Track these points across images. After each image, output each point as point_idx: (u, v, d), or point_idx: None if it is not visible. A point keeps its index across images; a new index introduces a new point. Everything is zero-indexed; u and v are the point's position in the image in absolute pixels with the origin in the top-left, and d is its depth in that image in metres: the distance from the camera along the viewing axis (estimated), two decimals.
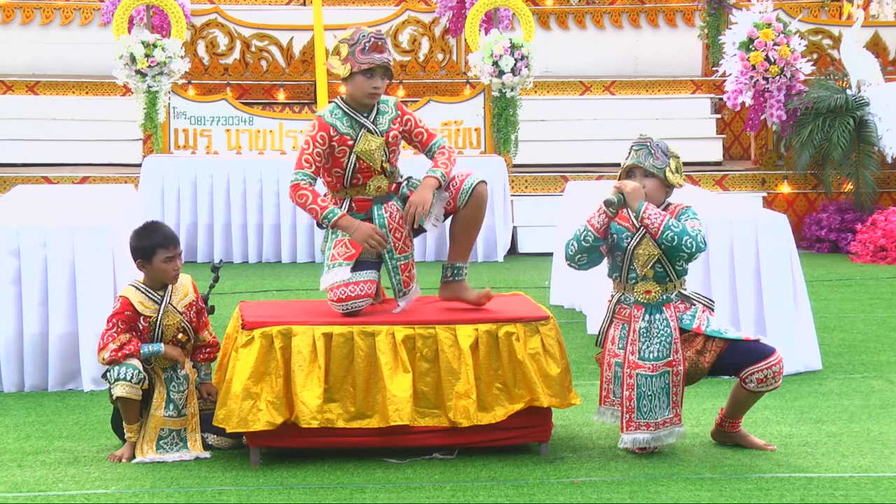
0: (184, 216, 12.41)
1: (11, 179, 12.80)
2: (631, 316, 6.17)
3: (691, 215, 6.16)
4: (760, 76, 13.23)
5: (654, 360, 6.10)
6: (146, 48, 12.69)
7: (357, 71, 6.19)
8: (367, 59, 6.19)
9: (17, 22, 15.58)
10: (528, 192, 13.42)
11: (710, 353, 6.17)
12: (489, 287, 6.58)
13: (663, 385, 6.11)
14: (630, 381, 6.11)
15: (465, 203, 6.26)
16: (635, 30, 16.10)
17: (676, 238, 6.00)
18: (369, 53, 6.20)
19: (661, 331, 6.12)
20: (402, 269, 6.29)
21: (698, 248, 6.03)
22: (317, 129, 6.21)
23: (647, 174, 6.17)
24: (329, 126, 6.23)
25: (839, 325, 9.44)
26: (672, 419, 6.15)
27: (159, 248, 6.24)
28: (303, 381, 5.99)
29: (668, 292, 6.16)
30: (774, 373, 6.12)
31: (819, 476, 5.91)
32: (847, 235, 13.05)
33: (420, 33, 15.50)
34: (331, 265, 6.23)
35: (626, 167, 6.22)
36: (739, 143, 15.19)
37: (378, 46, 6.21)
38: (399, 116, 6.32)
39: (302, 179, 6.20)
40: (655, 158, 6.16)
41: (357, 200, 6.31)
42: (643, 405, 6.11)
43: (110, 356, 6.15)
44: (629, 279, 6.18)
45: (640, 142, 6.21)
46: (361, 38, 6.21)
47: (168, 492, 5.72)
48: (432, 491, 5.71)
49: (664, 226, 6.01)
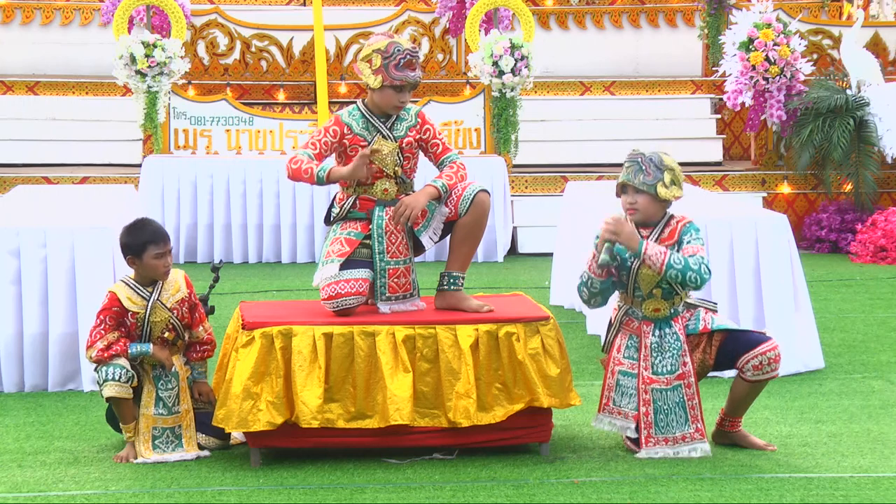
0: (184, 216, 12.41)
1: (11, 180, 12.80)
2: (640, 330, 6.20)
3: (693, 236, 6.13)
4: (760, 76, 13.23)
5: (667, 373, 6.15)
6: (146, 48, 12.70)
7: (388, 85, 6.21)
8: (400, 76, 6.19)
9: (17, 22, 15.59)
10: (528, 193, 13.42)
11: (713, 347, 6.21)
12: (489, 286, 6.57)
13: (678, 399, 6.15)
14: (646, 396, 6.14)
15: (465, 210, 6.26)
16: (635, 30, 16.10)
17: (680, 275, 6.01)
18: (403, 70, 6.20)
19: (671, 344, 6.16)
20: (389, 273, 6.25)
21: (702, 280, 6.03)
22: (332, 123, 6.28)
23: (637, 190, 6.16)
24: (344, 125, 6.27)
25: (839, 325, 9.44)
26: (693, 434, 6.16)
27: (150, 244, 6.22)
28: (303, 381, 5.99)
29: (675, 306, 6.20)
30: (770, 359, 6.12)
31: (819, 476, 5.91)
32: (847, 235, 13.05)
33: (420, 33, 15.50)
34: (324, 262, 6.24)
35: (619, 184, 6.23)
36: (739, 144, 15.20)
37: (412, 64, 6.22)
38: (418, 125, 6.33)
39: (301, 153, 6.22)
40: (646, 175, 6.13)
41: (361, 199, 6.30)
42: (660, 420, 6.14)
43: (97, 356, 6.14)
44: (636, 296, 6.21)
45: (632, 157, 6.20)
46: (397, 52, 6.20)
47: (168, 492, 5.72)
48: (432, 491, 5.71)
49: (666, 265, 6.00)
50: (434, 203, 6.26)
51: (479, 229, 6.31)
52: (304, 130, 13.15)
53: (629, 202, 6.16)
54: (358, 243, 6.24)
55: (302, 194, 12.44)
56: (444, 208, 6.27)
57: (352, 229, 6.28)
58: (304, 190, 12.40)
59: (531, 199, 13.36)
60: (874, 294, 10.74)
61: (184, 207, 12.43)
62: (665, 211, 6.21)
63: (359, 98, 6.42)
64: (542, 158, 14.05)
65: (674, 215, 6.23)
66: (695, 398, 6.17)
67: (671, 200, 6.19)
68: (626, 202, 6.17)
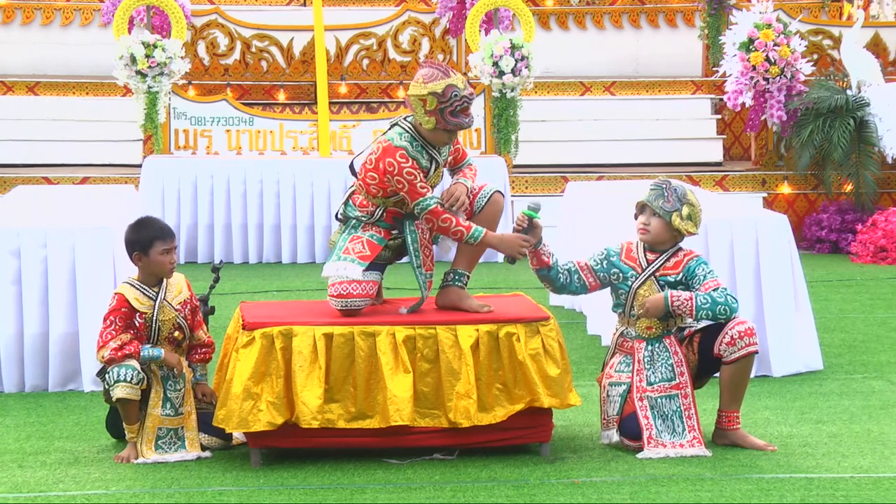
0: (184, 217, 12.41)
1: (12, 180, 12.80)
2: (633, 349, 6.35)
3: (706, 269, 6.30)
4: (761, 77, 13.23)
5: (660, 381, 6.27)
6: (146, 49, 12.70)
7: (442, 129, 6.14)
8: (456, 123, 6.12)
9: (17, 22, 15.58)
10: (528, 193, 13.42)
11: (695, 344, 6.37)
12: (489, 287, 6.58)
13: (675, 408, 6.26)
14: (642, 402, 6.24)
15: (481, 208, 6.32)
16: (635, 30, 16.09)
17: (710, 313, 6.20)
18: (459, 116, 6.14)
19: (660, 355, 6.30)
20: (429, 285, 6.29)
21: (732, 311, 6.22)
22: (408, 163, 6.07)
23: (654, 213, 6.32)
24: (409, 157, 6.11)
25: (839, 325, 9.44)
26: (692, 441, 6.23)
27: (156, 240, 6.23)
28: (303, 381, 5.99)
29: (668, 328, 6.35)
30: (740, 332, 6.21)
31: (819, 476, 5.91)
32: (847, 236, 13.05)
33: (420, 34, 15.50)
34: (342, 257, 6.20)
35: (639, 203, 6.39)
36: (740, 144, 15.19)
37: (467, 110, 6.15)
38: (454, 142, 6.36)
39: (434, 201, 6.10)
40: (666, 201, 6.31)
41: (390, 211, 6.28)
42: (659, 424, 6.22)
43: (110, 355, 6.14)
44: (631, 315, 6.35)
45: (659, 183, 6.39)
46: (454, 98, 6.09)
47: (168, 492, 5.72)
48: (433, 491, 5.71)
49: (696, 309, 6.19)
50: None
51: (491, 228, 6.33)
52: (304, 131, 13.15)
53: (643, 222, 6.35)
54: (380, 249, 6.24)
55: (302, 195, 12.44)
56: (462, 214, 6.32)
57: (374, 232, 6.27)
58: (305, 191, 12.41)
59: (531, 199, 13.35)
60: (874, 294, 10.74)
61: (184, 208, 12.43)
62: (676, 242, 6.37)
63: (399, 117, 6.30)
64: (542, 159, 14.05)
65: (682, 248, 6.39)
66: (691, 408, 6.27)
67: (683, 234, 6.34)
68: (641, 221, 6.36)
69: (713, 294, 6.19)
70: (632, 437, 6.24)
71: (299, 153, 13.02)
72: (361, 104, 14.71)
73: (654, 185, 6.39)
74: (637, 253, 6.38)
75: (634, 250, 6.39)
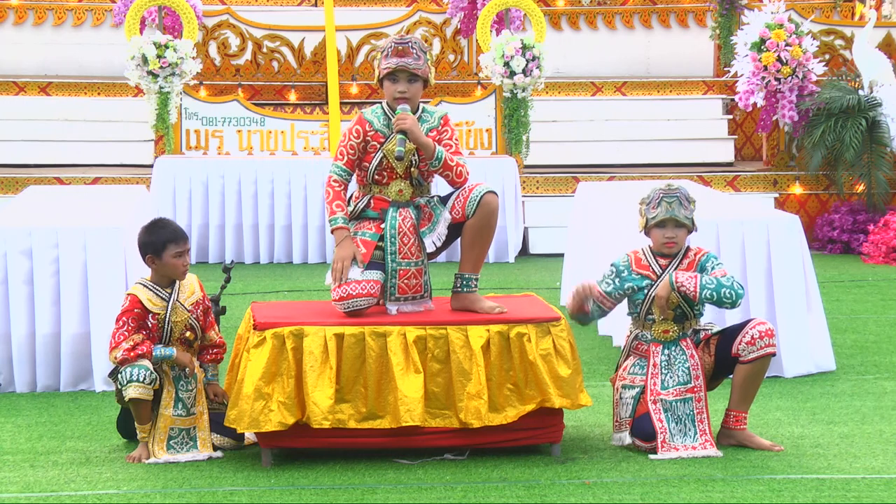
0: (195, 217, 12.42)
1: (24, 180, 12.83)
2: (649, 352, 6.33)
3: (716, 262, 6.32)
4: (772, 77, 13.21)
5: (675, 385, 6.26)
6: (158, 49, 12.71)
7: (382, 76, 6.31)
8: (387, 64, 6.28)
9: (29, 23, 15.61)
10: (539, 193, 13.42)
11: (711, 346, 6.35)
12: (500, 287, 6.58)
13: (688, 412, 6.25)
14: (656, 406, 6.23)
15: (472, 212, 6.26)
16: (647, 30, 16.08)
17: (715, 294, 6.19)
18: (391, 58, 6.27)
19: (677, 358, 6.29)
20: (400, 274, 6.25)
21: (737, 295, 6.20)
22: (355, 122, 6.35)
23: (678, 224, 6.30)
24: (366, 122, 6.34)
25: (851, 326, 9.42)
26: (704, 444, 6.22)
27: (170, 242, 6.25)
28: (314, 381, 5.99)
29: (684, 330, 6.34)
30: (760, 332, 6.23)
31: (831, 477, 5.90)
32: (859, 236, 13.03)
33: (431, 34, 15.50)
34: None
35: (660, 220, 6.29)
36: (751, 144, 15.17)
37: (399, 51, 6.28)
38: (440, 126, 6.35)
39: (335, 173, 6.32)
40: (684, 208, 6.32)
41: (376, 199, 6.32)
42: (672, 427, 6.21)
43: (123, 355, 6.16)
44: (647, 319, 6.35)
45: (671, 192, 6.33)
46: (387, 44, 6.31)
47: (179, 492, 5.73)
48: (443, 492, 5.71)
49: (700, 286, 6.18)
50: (440, 208, 6.29)
51: (487, 230, 6.30)
52: (316, 131, 13.16)
53: (668, 236, 6.30)
54: (374, 245, 6.25)
55: (313, 195, 12.45)
56: (448, 214, 6.28)
57: (366, 230, 6.29)
58: (316, 191, 12.41)
59: (542, 199, 13.35)
60: (886, 295, 10.72)
61: (195, 208, 12.45)
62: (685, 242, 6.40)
63: (382, 99, 6.46)
64: (553, 159, 14.04)
65: (690, 247, 6.40)
66: (703, 412, 6.27)
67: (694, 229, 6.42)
68: (665, 236, 6.30)
69: (719, 278, 6.20)
70: (644, 438, 6.23)
71: (310, 153, 13.03)
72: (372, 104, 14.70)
73: (669, 196, 6.31)
74: (648, 261, 6.36)
75: (644, 258, 6.37)
